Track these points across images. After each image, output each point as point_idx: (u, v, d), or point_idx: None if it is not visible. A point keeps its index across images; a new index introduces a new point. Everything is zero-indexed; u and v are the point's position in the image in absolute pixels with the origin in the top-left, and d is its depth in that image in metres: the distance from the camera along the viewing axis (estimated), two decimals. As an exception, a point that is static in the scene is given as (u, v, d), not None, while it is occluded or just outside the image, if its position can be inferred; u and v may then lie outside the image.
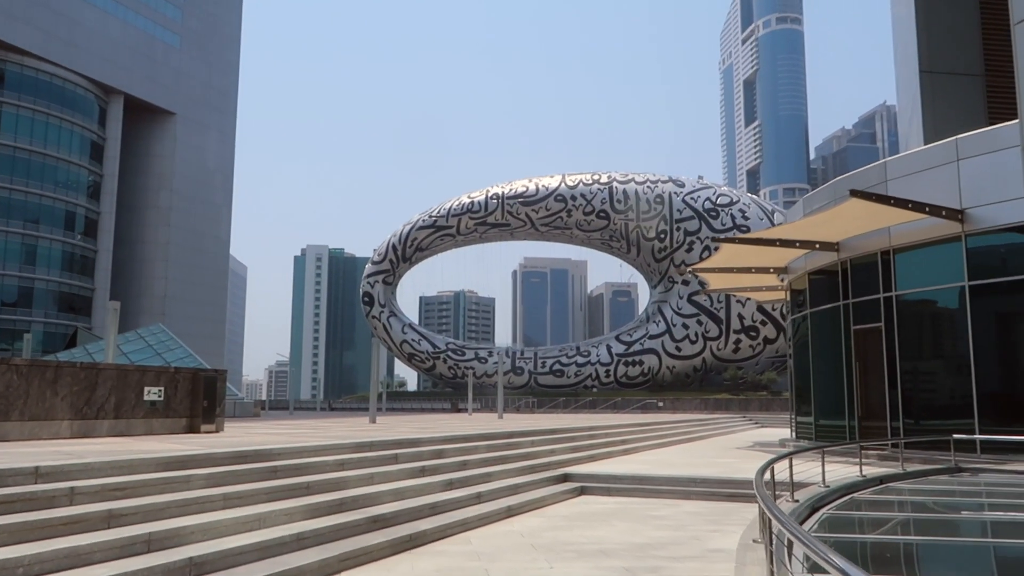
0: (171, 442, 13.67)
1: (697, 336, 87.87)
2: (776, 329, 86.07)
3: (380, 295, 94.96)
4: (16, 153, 73.36)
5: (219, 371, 18.05)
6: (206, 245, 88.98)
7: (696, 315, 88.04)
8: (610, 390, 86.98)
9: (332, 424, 26.79)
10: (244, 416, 42.51)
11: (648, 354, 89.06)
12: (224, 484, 10.08)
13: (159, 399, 16.67)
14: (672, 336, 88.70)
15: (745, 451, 23.35)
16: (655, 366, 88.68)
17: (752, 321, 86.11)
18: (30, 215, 74.36)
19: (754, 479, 8.51)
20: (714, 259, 25.05)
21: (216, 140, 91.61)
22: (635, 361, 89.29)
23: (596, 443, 20.68)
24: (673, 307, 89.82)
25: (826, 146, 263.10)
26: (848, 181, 22.36)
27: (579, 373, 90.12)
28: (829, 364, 22.91)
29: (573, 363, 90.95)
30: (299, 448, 12.31)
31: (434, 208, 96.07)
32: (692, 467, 17.62)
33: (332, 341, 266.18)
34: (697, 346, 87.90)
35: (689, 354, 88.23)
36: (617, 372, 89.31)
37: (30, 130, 74.42)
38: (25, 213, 74.01)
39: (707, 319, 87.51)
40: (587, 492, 15.45)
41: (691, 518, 12.60)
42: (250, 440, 14.41)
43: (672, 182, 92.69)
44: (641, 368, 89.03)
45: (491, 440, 17.23)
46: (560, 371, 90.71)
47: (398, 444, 14.50)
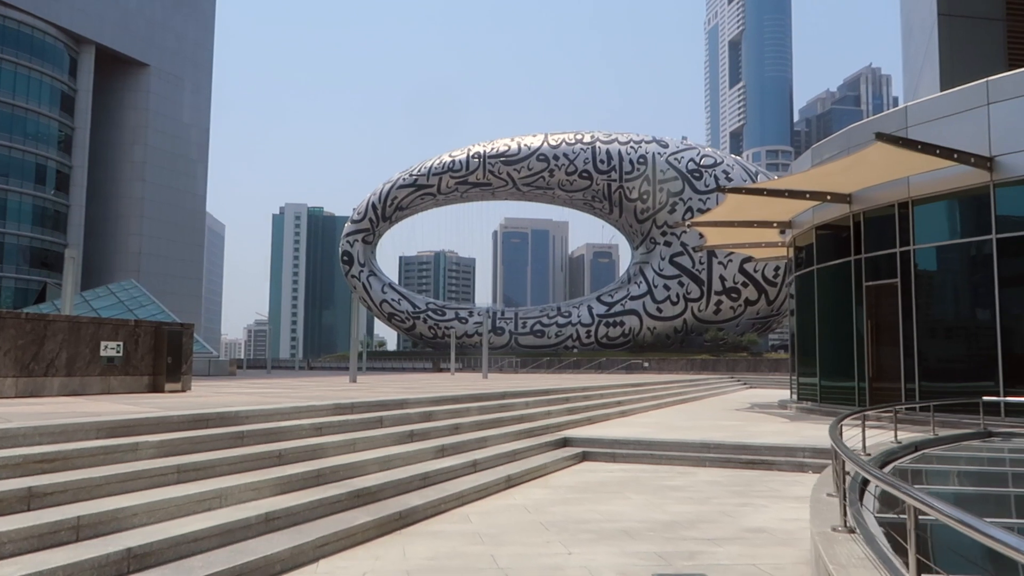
0: (126, 403, 11.97)
1: (678, 297, 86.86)
2: (757, 291, 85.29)
3: (360, 254, 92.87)
4: (-18, 104, 69.92)
5: (185, 325, 16.28)
6: (182, 201, 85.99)
7: (678, 276, 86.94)
8: (591, 351, 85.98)
9: (310, 384, 25.16)
10: (219, 375, 40.74)
11: (629, 315, 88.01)
12: (179, 453, 8.43)
13: (117, 355, 14.91)
14: (653, 297, 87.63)
15: (745, 413, 22.04)
16: (636, 327, 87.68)
17: (733, 283, 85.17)
18: (-1, 167, 71.21)
19: (830, 435, 7.74)
20: (716, 212, 23.49)
21: (191, 94, 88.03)
22: (616, 322, 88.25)
23: (592, 405, 19.23)
24: (655, 268, 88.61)
25: (810, 108, 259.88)
26: (863, 128, 20.79)
27: (560, 334, 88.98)
28: (837, 323, 21.55)
29: (554, 324, 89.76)
30: (271, 411, 10.67)
31: (415, 167, 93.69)
32: (698, 431, 16.21)
33: (311, 300, 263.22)
34: (678, 307, 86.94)
35: (670, 315, 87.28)
36: (598, 333, 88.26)
37: (-3, 80, 70.92)
38: (-7, 165, 70.84)
39: (688, 281, 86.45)
40: (589, 458, 13.99)
41: (712, 489, 11.15)
42: (216, 401, 12.74)
43: (656, 142, 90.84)
44: (622, 329, 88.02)
45: (483, 402, 15.67)
46: (541, 332, 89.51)
47: (383, 406, 12.89)
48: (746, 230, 25.48)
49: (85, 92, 77.56)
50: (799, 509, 9.67)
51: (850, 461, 6.02)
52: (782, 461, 13.01)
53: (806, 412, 21.57)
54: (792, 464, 12.92)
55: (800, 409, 22.22)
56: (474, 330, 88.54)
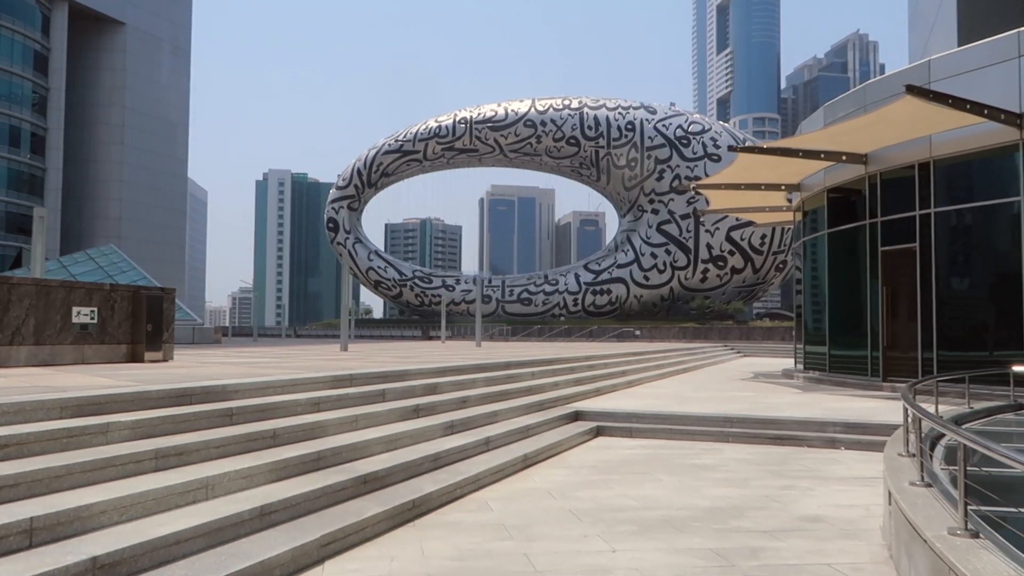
0: (100, 375, 10.76)
1: (665, 265, 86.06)
2: (744, 259, 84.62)
3: (345, 221, 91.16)
4: (-49, 62, 67.18)
5: (166, 290, 15.01)
6: (162, 165, 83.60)
7: (665, 244, 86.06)
8: (578, 319, 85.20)
9: (300, 352, 23.98)
10: (204, 343, 39.40)
11: (616, 283, 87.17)
12: (158, 435, 7.26)
13: (92, 322, 13.65)
14: (640, 265, 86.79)
15: (752, 383, 21.11)
16: (623, 295, 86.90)
17: (720, 251, 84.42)
18: (-30, 130, 68.67)
19: (903, 398, 7.17)
20: (723, 174, 22.36)
21: (170, 55, 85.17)
22: (603, 290, 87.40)
23: (598, 375, 18.19)
24: (642, 236, 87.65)
25: (797, 75, 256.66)
26: (880, 85, 19.66)
27: (547, 302, 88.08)
28: (848, 289, 20.60)
29: (541, 292, 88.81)
30: (263, 383, 9.50)
31: (400, 132, 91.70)
32: (712, 403, 15.24)
33: (296, 268, 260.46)
34: (665, 275, 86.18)
35: (657, 283, 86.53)
36: (585, 301, 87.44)
37: (-34, 38, 68.08)
38: (-36, 128, 68.30)
39: (676, 248, 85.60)
40: (605, 433, 12.96)
41: (746, 468, 10.14)
42: (202, 373, 11.55)
43: (644, 108, 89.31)
44: (609, 297, 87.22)
45: (488, 372, 14.58)
46: (528, 299, 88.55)
47: (383, 377, 11.76)
48: (752, 194, 24.36)
49: (59, 51, 74.76)
50: (850, 493, 8.69)
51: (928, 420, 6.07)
52: (812, 436, 12.04)
53: (815, 382, 20.69)
54: (823, 440, 11.95)
55: (808, 379, 21.34)
56: (461, 298, 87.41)
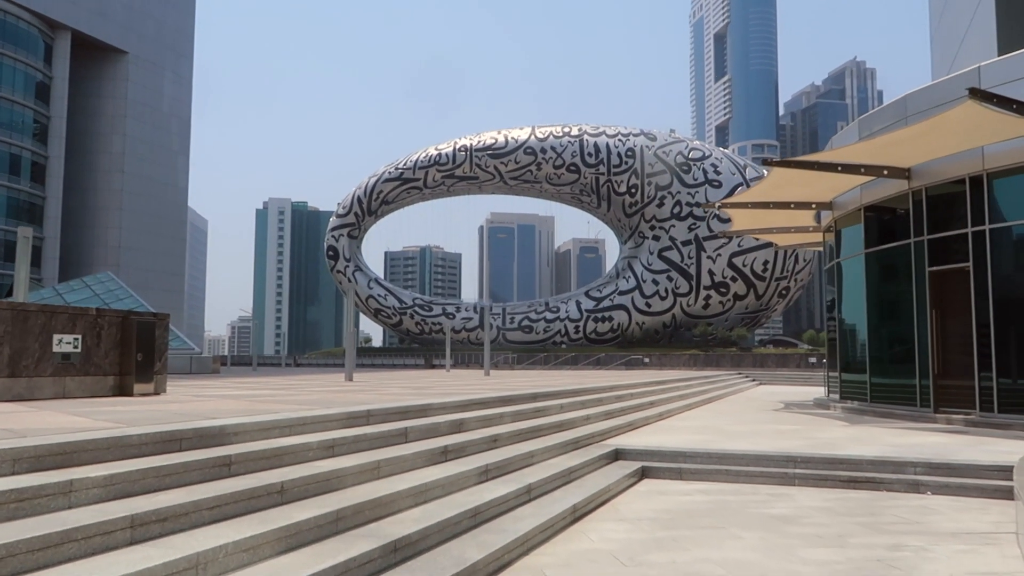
0: (77, 412, 9.19)
1: (667, 292, 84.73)
2: (746, 286, 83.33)
3: (345, 249, 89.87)
4: (-47, 91, 66.07)
5: (158, 315, 13.46)
6: (163, 193, 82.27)
7: (666, 271, 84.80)
8: (579, 346, 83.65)
9: (303, 382, 22.37)
10: (202, 373, 37.71)
11: (618, 310, 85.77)
12: (137, 493, 5.70)
13: (75, 351, 12.09)
14: (642, 292, 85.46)
15: (788, 414, 19.52)
16: (625, 322, 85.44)
17: (723, 277, 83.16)
18: (-30, 158, 67.38)
19: None
20: (752, 191, 20.95)
21: (172, 83, 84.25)
22: (605, 317, 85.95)
23: (627, 407, 16.61)
24: (643, 263, 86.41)
25: (795, 102, 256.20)
26: (922, 95, 18.32)
27: (548, 329, 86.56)
28: (891, 313, 19.11)
29: (542, 319, 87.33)
30: (267, 423, 7.93)
31: (400, 160, 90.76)
32: (760, 437, 13.66)
33: (296, 296, 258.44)
34: (667, 302, 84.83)
35: (659, 310, 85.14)
36: (586, 328, 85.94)
37: (-33, 66, 67.05)
38: (-36, 155, 67.01)
39: (677, 275, 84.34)
40: (651, 475, 11.36)
41: (833, 520, 8.56)
42: (196, 409, 9.97)
43: (644, 135, 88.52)
44: (611, 324, 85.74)
45: (515, 405, 13.02)
46: (529, 327, 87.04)
47: (403, 413, 10.19)
48: (779, 213, 22.96)
49: (61, 80, 73.76)
50: (978, 555, 7.11)
51: None
52: (891, 479, 10.46)
53: (857, 413, 19.10)
54: (904, 483, 10.37)
55: (848, 409, 19.75)
56: (461, 325, 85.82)
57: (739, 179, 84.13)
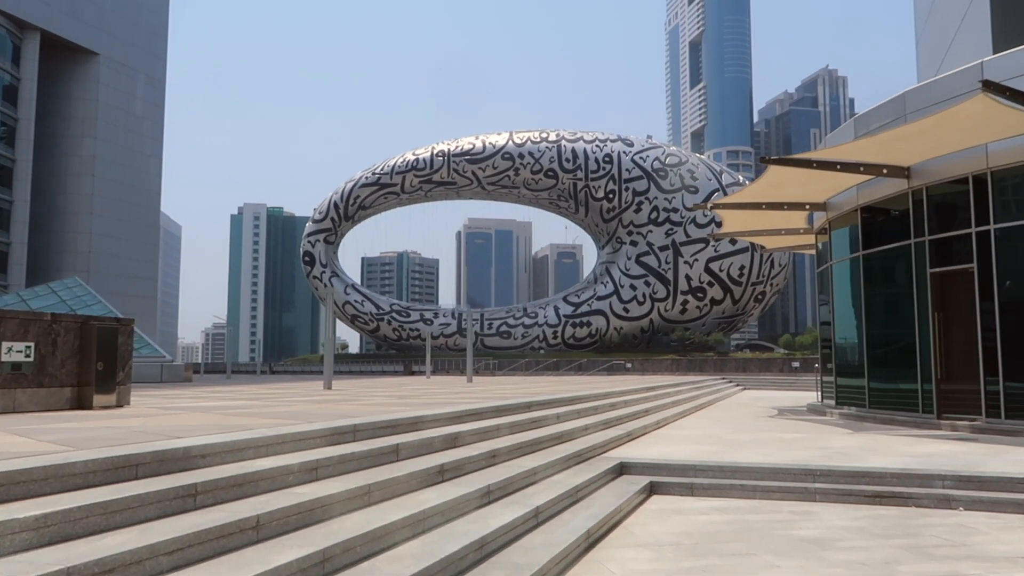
0: (21, 432, 8.05)
1: (645, 297, 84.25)
2: (723, 291, 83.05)
3: (321, 255, 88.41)
4: (-84, 92, 63.73)
5: (121, 320, 12.29)
6: (135, 198, 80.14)
7: (644, 276, 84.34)
8: (557, 351, 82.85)
9: (280, 391, 21.19)
10: (174, 381, 36.24)
11: (596, 315, 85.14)
12: (79, 535, 4.63)
13: (27, 360, 10.90)
14: (620, 297, 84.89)
15: (787, 421, 18.71)
16: (603, 327, 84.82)
17: (699, 282, 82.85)
18: (-66, 161, 65.05)
19: None
20: (747, 191, 20.18)
21: (144, 85, 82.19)
22: (583, 322, 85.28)
23: (623, 415, 15.66)
24: (621, 268, 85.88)
25: (769, 109, 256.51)
26: (921, 92, 17.67)
27: (526, 335, 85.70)
28: (890, 316, 18.40)
29: (520, 324, 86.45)
30: (240, 442, 6.87)
31: (378, 165, 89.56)
32: (767, 447, 12.80)
33: (271, 303, 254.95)
34: (645, 307, 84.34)
35: (637, 315, 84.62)
36: (564, 333, 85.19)
37: (-68, 66, 64.76)
38: (-72, 158, 64.67)
39: (655, 280, 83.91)
40: (660, 491, 10.43)
41: (871, 543, 7.67)
42: (159, 425, 8.86)
43: (621, 141, 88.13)
44: (589, 329, 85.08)
45: (509, 416, 12.04)
46: (507, 332, 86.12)
47: (393, 427, 9.16)
48: (769, 215, 22.24)
49: (29, 81, 71.52)
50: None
51: None
52: (920, 495, 9.61)
53: (856, 419, 18.33)
54: (933, 498, 9.53)
55: (845, 416, 19.00)
56: (439, 331, 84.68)
57: (715, 184, 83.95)
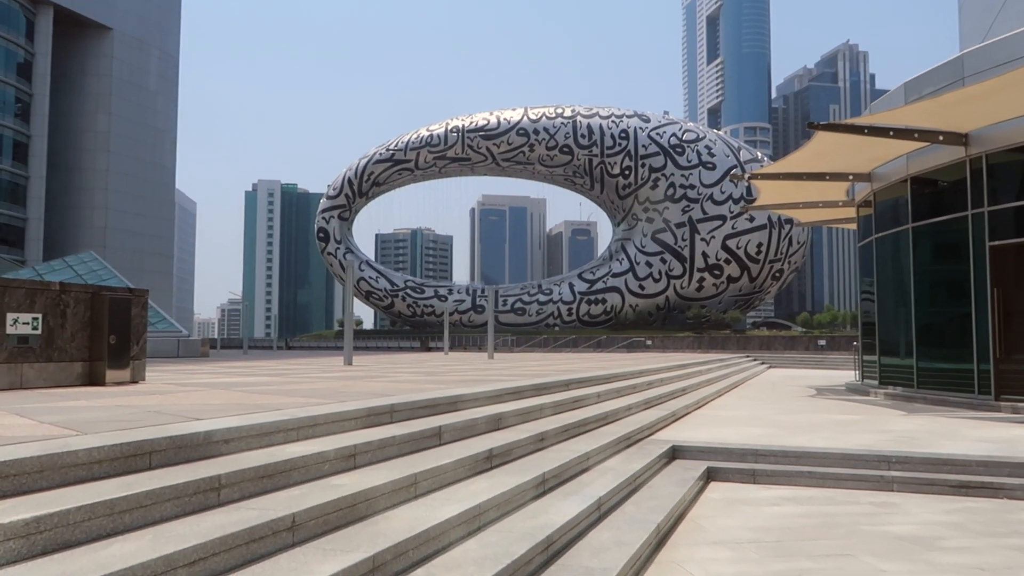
0: (23, 411, 7.19)
1: (660, 274, 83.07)
2: (740, 268, 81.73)
3: (336, 231, 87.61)
4: (-70, 66, 62.96)
5: (135, 291, 11.41)
6: (149, 174, 79.39)
7: (660, 253, 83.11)
8: (572, 328, 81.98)
9: (299, 367, 20.38)
10: (190, 356, 35.59)
11: (611, 292, 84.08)
12: (79, 542, 3.75)
13: (34, 332, 10.06)
14: (635, 274, 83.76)
15: (835, 402, 17.72)
16: (618, 304, 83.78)
17: (716, 260, 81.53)
18: (-50, 136, 64.38)
19: None
20: (788, 160, 19.05)
21: (158, 60, 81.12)
22: (598, 299, 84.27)
23: (662, 394, 14.73)
24: (637, 245, 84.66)
25: (787, 85, 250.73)
26: (981, 54, 16.46)
27: (540, 311, 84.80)
28: (943, 292, 17.33)
29: (535, 301, 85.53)
30: (266, 425, 5.97)
31: (392, 141, 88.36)
32: (822, 429, 11.85)
33: (286, 279, 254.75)
34: (660, 284, 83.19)
35: (652, 292, 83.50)
36: (579, 310, 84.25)
37: (-54, 41, 63.93)
38: (-56, 134, 64.01)
39: (671, 257, 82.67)
40: (718, 477, 9.51)
41: (983, 544, 6.71)
42: (176, 404, 7.99)
43: (637, 117, 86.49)
44: (604, 306, 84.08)
45: (549, 394, 11.14)
46: (521, 309, 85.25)
47: (432, 407, 8.26)
48: (807, 187, 21.11)
49: (43, 57, 70.63)
50: None
51: None
52: (1010, 484, 8.64)
53: (904, 400, 17.32)
54: (1026, 487, 8.57)
55: (891, 396, 17.98)
56: (453, 308, 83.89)
57: (733, 161, 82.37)
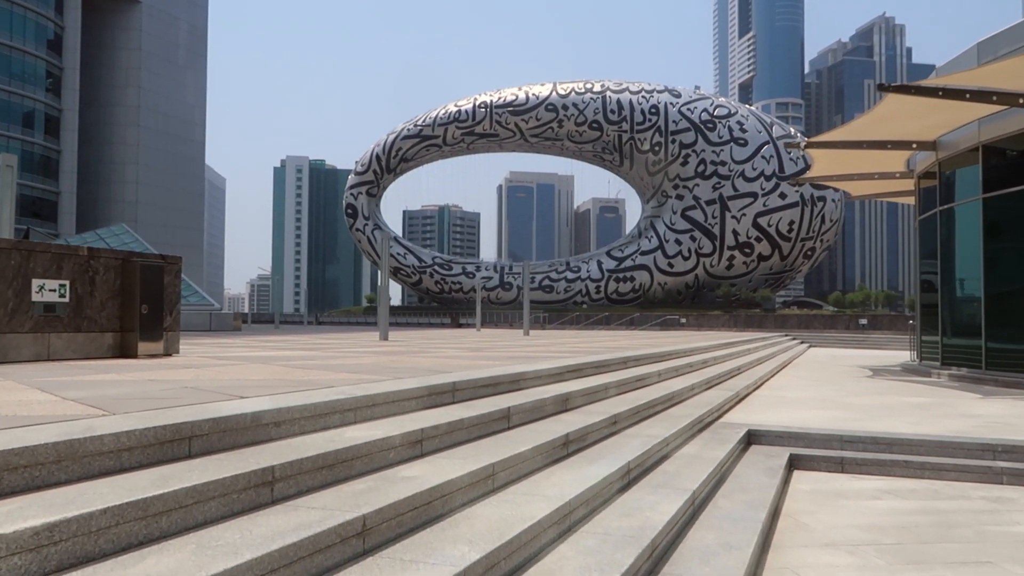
0: (47, 383, 6.45)
1: (690, 252, 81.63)
2: (771, 246, 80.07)
3: (364, 207, 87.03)
4: (-37, 41, 62.86)
5: (168, 258, 10.67)
6: (180, 148, 79.21)
7: (690, 231, 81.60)
8: (600, 306, 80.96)
9: (335, 341, 19.70)
10: (222, 330, 35.20)
11: (640, 270, 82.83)
12: (101, 555, 2.95)
13: (62, 300, 9.35)
14: (665, 252, 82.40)
15: (897, 383, 16.67)
16: (646, 282, 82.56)
17: (747, 237, 79.91)
18: (-17, 110, 64.38)
19: None
20: (848, 128, 17.86)
21: (186, 34, 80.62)
22: (626, 277, 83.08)
23: (720, 373, 13.79)
24: (666, 222, 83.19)
25: (821, 59, 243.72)
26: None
27: (568, 289, 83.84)
28: (1017, 269, 16.15)
29: (563, 279, 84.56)
30: (320, 405, 5.15)
31: (420, 117, 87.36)
32: (902, 413, 10.88)
33: (314, 255, 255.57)
34: (690, 262, 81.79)
35: (682, 270, 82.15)
36: (607, 288, 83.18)
37: (-23, 15, 63.76)
38: (-23, 107, 64.01)
39: (701, 235, 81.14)
40: (801, 465, 8.60)
41: None
42: (214, 379, 7.21)
43: (668, 92, 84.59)
44: (632, 284, 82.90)
45: (611, 372, 10.28)
46: (550, 287, 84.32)
47: (493, 385, 7.41)
48: (863, 157, 19.87)
49: (73, 30, 70.35)
50: None
51: None
52: None
53: (972, 382, 16.24)
54: None
55: (956, 377, 16.89)
56: (481, 284, 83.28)
57: (765, 137, 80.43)
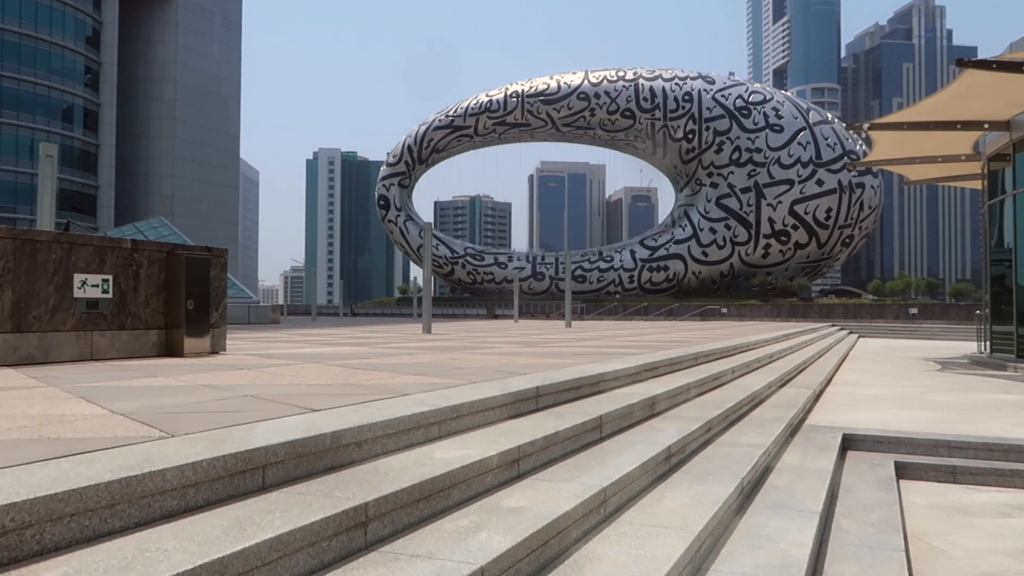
0: (92, 389, 5.83)
1: (725, 241, 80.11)
2: (808, 234, 78.26)
3: (396, 198, 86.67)
4: (3, 36, 63.33)
5: (213, 250, 10.07)
6: (215, 141, 79.49)
7: (724, 219, 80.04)
8: (633, 296, 79.81)
9: (379, 335, 19.09)
10: (261, 323, 34.91)
11: (673, 259, 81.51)
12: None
13: (104, 296, 8.78)
14: (699, 241, 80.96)
15: (973, 378, 15.65)
16: (680, 272, 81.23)
17: (783, 225, 78.17)
18: (24, 105, 64.88)
19: None
20: (917, 108, 16.77)
21: (221, 27, 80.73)
22: (660, 267, 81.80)
23: (789, 369, 12.91)
24: (700, 211, 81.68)
25: (858, 43, 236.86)
26: None
27: (602, 279, 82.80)
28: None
29: (596, 268, 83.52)
30: (401, 420, 4.44)
31: (451, 107, 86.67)
32: (1000, 414, 9.96)
33: (347, 246, 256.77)
34: (725, 251, 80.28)
35: (716, 259, 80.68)
36: (641, 278, 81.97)
37: (19, 10, 64.12)
38: (18, 103, 64.51)
39: (736, 223, 79.56)
40: (907, 475, 7.75)
41: None
42: (270, 383, 6.54)
43: (702, 79, 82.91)
44: (666, 274, 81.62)
45: (687, 370, 9.49)
46: (582, 277, 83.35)
47: (575, 388, 6.66)
48: (928, 139, 18.75)
49: (111, 25, 70.68)
50: None
51: None
52: None
53: (1055, 376, 15.17)
54: None
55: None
56: (513, 275, 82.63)
57: (801, 123, 78.54)
